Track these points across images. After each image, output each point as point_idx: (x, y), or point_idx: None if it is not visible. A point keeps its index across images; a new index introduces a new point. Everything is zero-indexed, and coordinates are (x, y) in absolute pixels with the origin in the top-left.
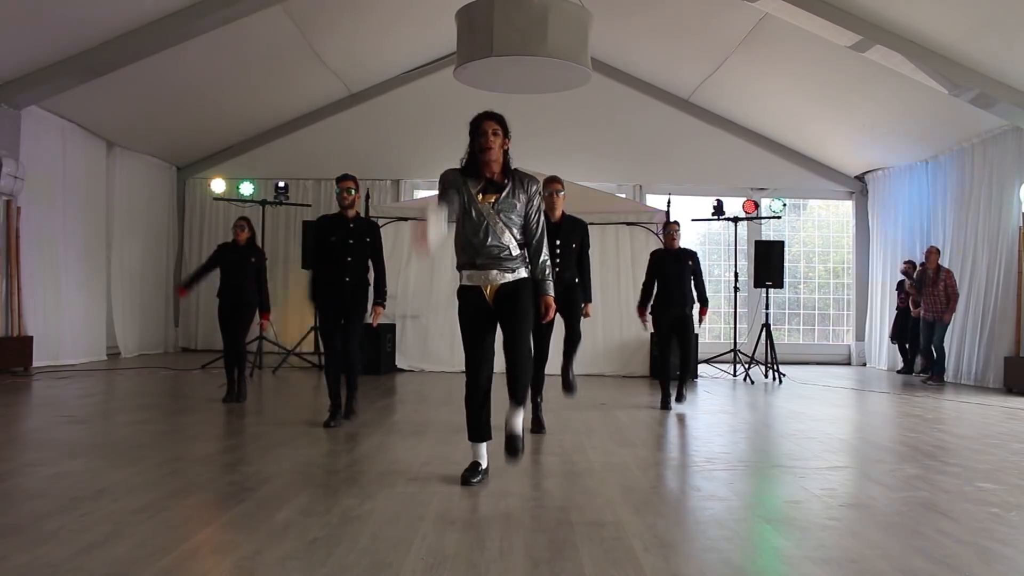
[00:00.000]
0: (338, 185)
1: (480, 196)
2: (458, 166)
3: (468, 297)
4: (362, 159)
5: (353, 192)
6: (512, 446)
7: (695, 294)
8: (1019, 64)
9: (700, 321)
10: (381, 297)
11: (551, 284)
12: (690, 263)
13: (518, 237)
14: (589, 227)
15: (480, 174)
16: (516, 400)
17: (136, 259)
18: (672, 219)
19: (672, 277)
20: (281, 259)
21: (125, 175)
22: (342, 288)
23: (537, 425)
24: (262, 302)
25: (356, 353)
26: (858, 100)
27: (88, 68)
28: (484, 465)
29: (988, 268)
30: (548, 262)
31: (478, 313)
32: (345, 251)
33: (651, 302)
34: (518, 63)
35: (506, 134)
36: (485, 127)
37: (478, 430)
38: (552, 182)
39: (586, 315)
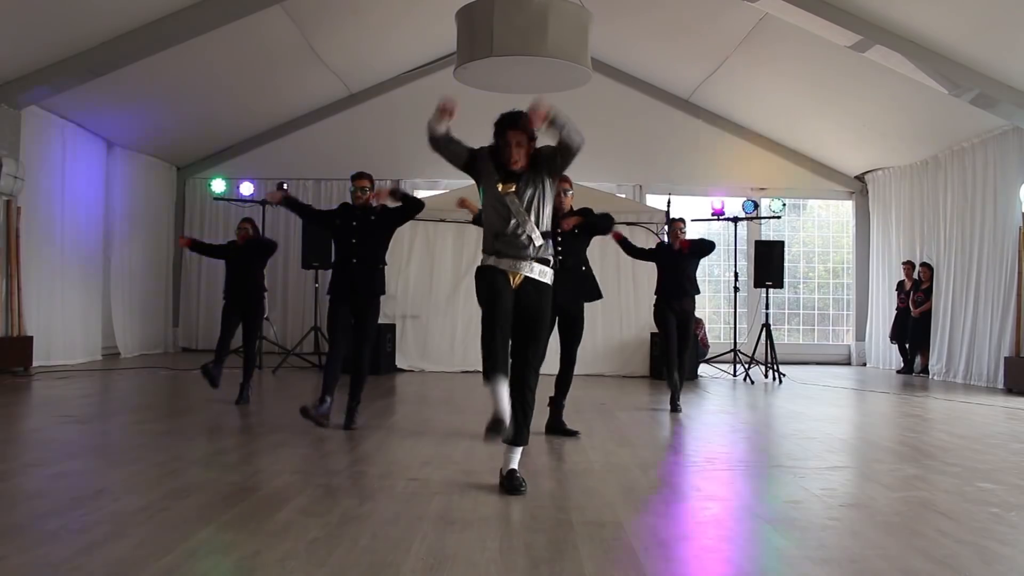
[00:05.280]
0: (353, 183)
1: (500, 186)
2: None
3: (491, 276)
4: (362, 159)
5: (368, 191)
6: (512, 484)
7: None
8: (1019, 64)
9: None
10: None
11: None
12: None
13: (543, 227)
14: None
15: (504, 166)
16: (517, 443)
17: (136, 259)
18: (677, 216)
19: (669, 267)
20: (281, 259)
21: (125, 175)
22: (350, 272)
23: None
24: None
25: (366, 361)
26: (858, 100)
27: (88, 68)
28: (507, 419)
29: (988, 268)
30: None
31: (501, 292)
32: (350, 233)
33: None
34: (518, 63)
35: (531, 139)
36: (509, 138)
37: (495, 362)
38: (561, 181)
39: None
